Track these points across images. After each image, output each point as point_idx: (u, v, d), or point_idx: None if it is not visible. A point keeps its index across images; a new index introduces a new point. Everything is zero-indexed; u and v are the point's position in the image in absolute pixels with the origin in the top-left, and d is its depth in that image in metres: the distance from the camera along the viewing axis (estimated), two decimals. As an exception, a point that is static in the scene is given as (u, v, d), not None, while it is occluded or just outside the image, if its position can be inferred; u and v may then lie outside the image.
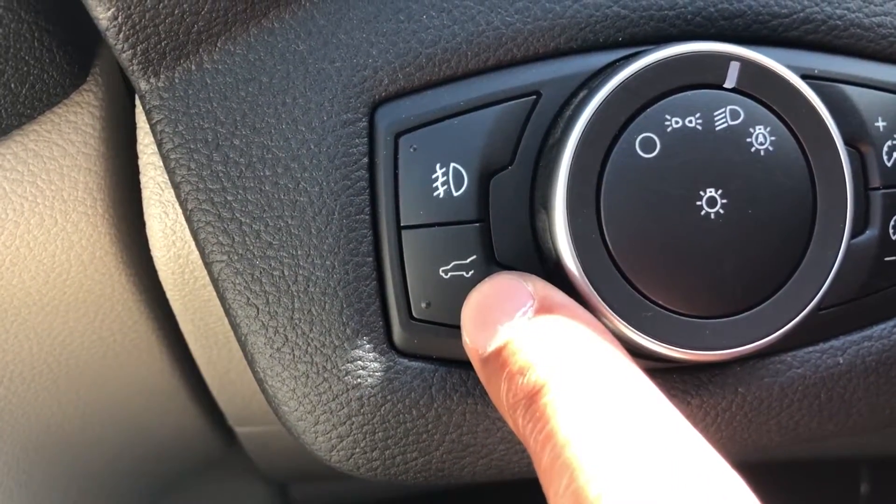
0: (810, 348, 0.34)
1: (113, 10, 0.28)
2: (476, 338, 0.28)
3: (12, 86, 0.29)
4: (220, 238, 0.30)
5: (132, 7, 0.28)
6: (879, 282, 0.34)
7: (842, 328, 0.35)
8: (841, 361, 0.35)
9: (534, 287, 0.28)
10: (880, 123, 0.33)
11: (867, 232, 0.33)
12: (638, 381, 0.25)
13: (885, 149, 0.33)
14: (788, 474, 0.82)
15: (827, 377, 0.35)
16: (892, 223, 0.33)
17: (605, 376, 0.25)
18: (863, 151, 0.33)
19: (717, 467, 0.22)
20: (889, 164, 0.33)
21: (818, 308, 0.31)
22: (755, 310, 0.30)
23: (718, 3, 0.32)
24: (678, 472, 0.22)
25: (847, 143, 0.32)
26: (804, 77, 0.32)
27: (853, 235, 0.33)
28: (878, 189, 0.33)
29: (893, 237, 0.33)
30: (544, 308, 0.28)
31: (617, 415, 0.24)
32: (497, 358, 0.27)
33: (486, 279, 0.30)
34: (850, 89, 0.33)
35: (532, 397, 0.25)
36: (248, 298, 0.31)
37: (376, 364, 0.31)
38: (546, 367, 0.25)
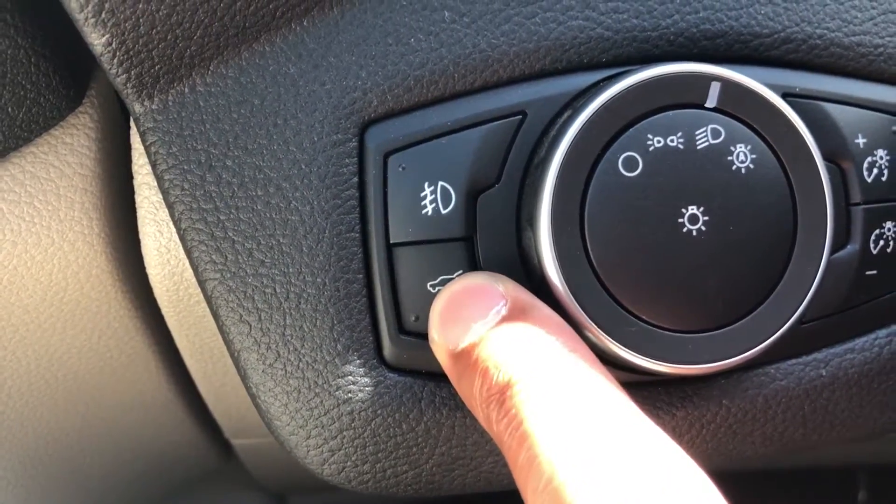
0: (794, 361, 0.35)
1: (108, 36, 0.28)
2: (447, 334, 0.29)
3: (9, 109, 0.30)
4: (214, 256, 0.31)
5: (126, 33, 0.28)
6: (861, 295, 0.34)
7: (824, 341, 0.35)
8: (824, 373, 0.35)
9: (504, 287, 0.29)
10: (860, 140, 0.34)
11: (848, 246, 0.34)
12: (605, 381, 0.26)
13: (866, 164, 0.34)
14: (787, 482, 0.82)
15: (810, 389, 0.35)
16: (872, 238, 0.34)
17: (576, 376, 0.26)
18: (843, 167, 0.34)
19: (682, 465, 0.23)
20: (869, 180, 0.34)
21: (800, 321, 0.31)
22: (737, 324, 0.30)
23: (700, 24, 0.33)
24: (647, 471, 0.23)
25: (828, 159, 0.33)
26: (785, 95, 0.32)
27: (835, 250, 0.33)
28: (858, 204, 0.34)
29: (874, 251, 0.34)
30: (517, 308, 0.28)
31: (589, 414, 0.24)
32: (470, 354, 0.28)
33: (456, 279, 0.30)
34: (830, 107, 0.33)
35: (505, 393, 0.26)
36: (241, 315, 0.31)
37: (367, 379, 0.32)
38: (520, 364, 0.26)
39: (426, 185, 0.31)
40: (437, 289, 0.31)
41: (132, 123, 0.33)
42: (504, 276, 0.30)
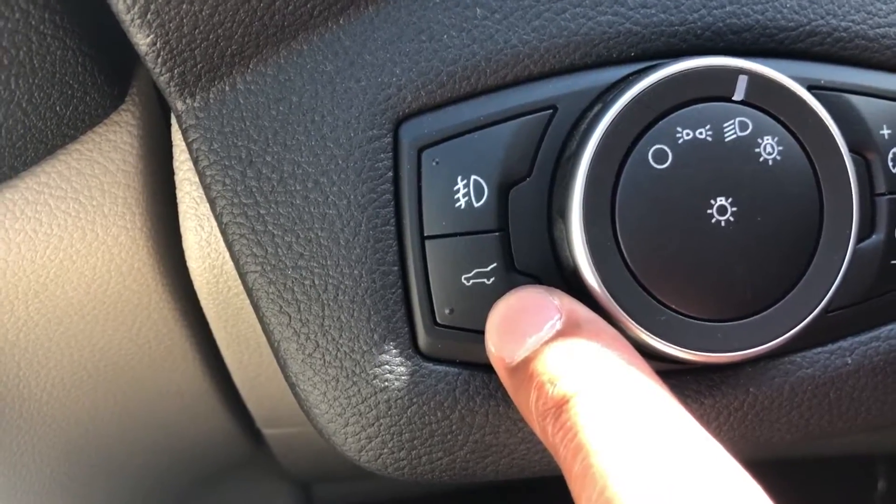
0: (819, 349, 0.35)
1: (152, 36, 0.29)
2: (503, 347, 0.29)
3: (57, 108, 0.31)
4: (254, 250, 0.32)
5: (170, 33, 0.29)
6: (886, 284, 0.35)
7: (850, 329, 0.36)
8: (849, 361, 0.36)
9: (560, 301, 0.29)
10: (885, 131, 0.34)
11: (873, 236, 0.34)
12: (660, 394, 0.26)
13: (891, 155, 0.34)
14: (806, 471, 0.83)
15: (836, 377, 0.36)
16: (897, 227, 0.34)
17: (631, 389, 0.26)
18: (868, 158, 0.34)
19: (737, 477, 0.24)
20: (894, 170, 0.34)
21: (826, 310, 0.32)
22: (765, 313, 0.31)
23: (727, 18, 0.33)
24: (702, 482, 0.23)
25: (853, 150, 0.33)
26: (811, 87, 0.33)
27: (860, 240, 0.34)
28: (883, 195, 0.34)
29: (899, 241, 0.34)
30: (571, 321, 0.29)
31: (644, 426, 0.25)
32: (526, 368, 0.28)
33: (512, 291, 0.30)
34: (855, 98, 0.34)
35: (561, 407, 0.26)
36: (281, 307, 0.32)
37: (402, 368, 0.33)
38: (575, 378, 0.26)
39: (459, 178, 0.32)
40: (471, 281, 0.32)
41: (173, 121, 0.34)
42: (559, 291, 0.30)
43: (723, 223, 0.30)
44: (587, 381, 0.26)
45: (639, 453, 0.24)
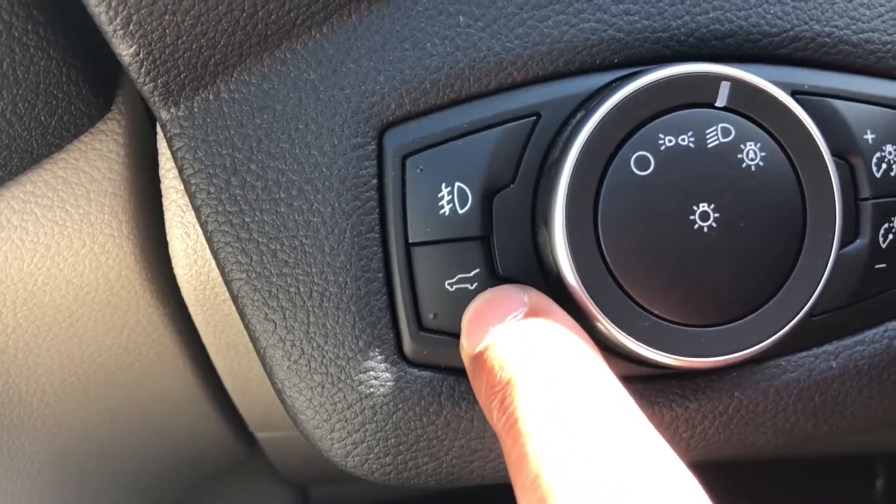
0: (804, 353, 0.36)
1: (135, 47, 0.29)
2: (469, 339, 0.30)
3: (42, 118, 0.31)
4: (239, 257, 0.32)
5: (153, 44, 0.29)
6: (870, 288, 0.35)
7: (834, 334, 0.36)
8: (834, 365, 0.36)
9: (528, 296, 0.30)
10: (869, 135, 0.34)
11: (857, 241, 0.34)
12: (606, 381, 0.26)
13: (874, 160, 0.34)
14: (804, 470, 0.83)
15: (821, 381, 0.36)
16: (881, 232, 0.34)
17: (575, 377, 0.26)
18: (852, 163, 0.34)
19: (675, 472, 0.23)
20: (878, 175, 0.34)
21: (810, 315, 0.32)
22: (748, 318, 0.31)
23: (710, 25, 0.33)
24: (636, 475, 0.23)
25: (837, 155, 0.33)
26: (794, 93, 0.33)
27: (844, 244, 0.34)
28: (867, 199, 0.34)
29: (883, 245, 0.34)
30: (532, 312, 0.29)
31: (584, 415, 0.24)
32: (482, 356, 0.28)
33: (490, 289, 0.31)
34: (839, 103, 0.34)
35: (505, 391, 0.26)
36: (266, 314, 0.32)
37: (388, 374, 0.33)
38: (521, 363, 0.27)
39: (443, 185, 0.32)
40: (454, 287, 0.32)
41: (159, 129, 0.34)
42: (534, 289, 0.30)
43: (706, 229, 0.30)
44: (532, 366, 0.26)
45: (573, 442, 0.23)
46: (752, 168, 0.31)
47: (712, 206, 0.30)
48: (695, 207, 0.30)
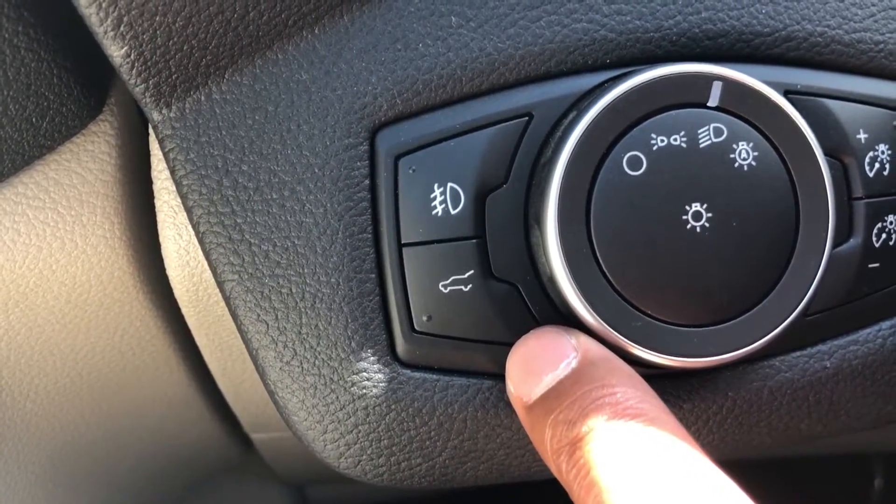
0: (798, 353, 0.36)
1: (126, 48, 0.29)
2: (521, 386, 0.30)
3: (33, 120, 0.31)
4: (231, 258, 0.32)
5: (144, 45, 0.29)
6: (864, 288, 0.35)
7: (828, 333, 0.36)
8: (828, 365, 0.36)
9: (576, 340, 0.30)
10: (862, 135, 0.34)
11: (851, 240, 0.34)
12: (674, 431, 0.26)
13: (867, 159, 0.34)
14: (803, 469, 0.83)
15: (815, 380, 0.36)
16: (874, 231, 0.34)
17: (644, 427, 0.26)
18: (845, 162, 0.34)
19: None
20: (871, 175, 0.34)
21: (804, 314, 0.32)
22: (741, 318, 0.31)
23: (702, 25, 0.33)
24: None
25: (830, 154, 0.33)
26: (787, 92, 0.33)
27: (837, 244, 0.34)
28: (860, 199, 0.34)
29: (877, 245, 0.34)
30: (586, 360, 0.29)
31: (656, 465, 0.25)
32: (542, 406, 0.29)
33: (532, 332, 0.31)
34: (831, 103, 0.34)
35: (575, 444, 0.26)
36: (259, 315, 0.32)
37: (380, 375, 0.33)
38: (589, 416, 0.27)
39: (436, 186, 0.32)
40: (448, 289, 0.32)
41: (151, 130, 0.34)
42: (577, 330, 0.31)
43: (698, 229, 0.30)
44: (601, 419, 0.27)
45: (651, 492, 0.24)
46: (745, 168, 0.31)
47: (705, 205, 0.30)
48: (687, 207, 0.30)
